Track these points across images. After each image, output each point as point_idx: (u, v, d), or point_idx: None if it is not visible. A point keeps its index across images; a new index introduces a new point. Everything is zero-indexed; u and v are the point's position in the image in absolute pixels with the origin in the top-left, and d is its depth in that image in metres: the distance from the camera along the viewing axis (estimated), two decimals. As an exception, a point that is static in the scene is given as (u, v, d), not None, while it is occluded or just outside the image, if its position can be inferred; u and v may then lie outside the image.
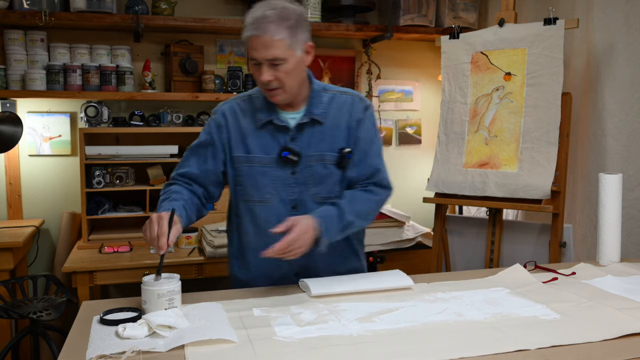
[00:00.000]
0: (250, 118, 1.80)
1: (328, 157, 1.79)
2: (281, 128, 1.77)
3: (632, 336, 1.37)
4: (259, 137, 1.78)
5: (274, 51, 1.64)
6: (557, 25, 2.58)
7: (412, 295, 1.67)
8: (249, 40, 1.65)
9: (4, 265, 2.77)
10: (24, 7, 2.92)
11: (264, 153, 1.78)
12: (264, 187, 1.78)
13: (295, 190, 1.79)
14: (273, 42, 1.63)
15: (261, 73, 1.67)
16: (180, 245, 2.93)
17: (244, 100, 1.84)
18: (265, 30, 1.62)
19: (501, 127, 2.75)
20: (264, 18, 1.63)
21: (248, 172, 1.79)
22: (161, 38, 3.31)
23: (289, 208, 1.79)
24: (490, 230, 2.85)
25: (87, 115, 3.00)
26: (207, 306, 1.57)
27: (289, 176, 1.78)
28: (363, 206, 1.78)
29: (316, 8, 3.36)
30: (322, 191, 1.80)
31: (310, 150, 1.78)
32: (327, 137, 1.79)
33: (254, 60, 1.68)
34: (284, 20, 1.64)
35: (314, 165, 1.78)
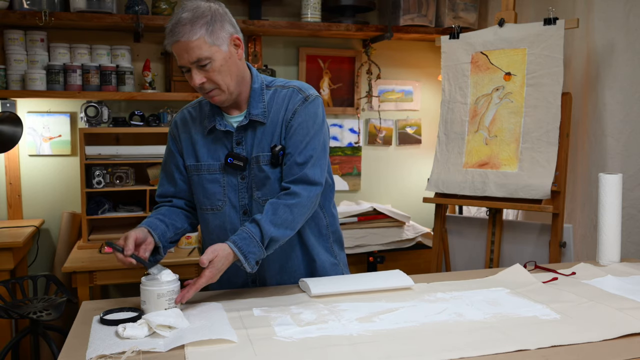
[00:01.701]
0: (199, 125, 1.76)
1: (262, 158, 1.70)
2: (225, 133, 1.72)
3: (632, 336, 1.37)
4: (207, 144, 1.74)
5: (196, 52, 1.58)
6: (557, 25, 2.58)
7: (412, 295, 1.67)
8: (172, 47, 1.60)
9: (4, 265, 2.77)
10: (24, 7, 2.92)
11: (214, 160, 1.73)
12: (214, 195, 1.75)
13: (245, 195, 1.74)
14: (192, 43, 1.57)
15: (191, 77, 1.62)
16: (180, 245, 2.93)
17: (194, 108, 1.81)
18: (182, 33, 1.57)
19: (501, 127, 2.75)
20: (178, 22, 1.58)
21: (197, 181, 1.76)
22: (161, 38, 3.31)
23: (240, 214, 1.75)
24: (490, 230, 2.85)
25: (87, 115, 3.00)
26: (207, 306, 1.56)
27: (239, 181, 1.73)
28: (287, 215, 1.63)
29: (316, 8, 3.36)
30: (266, 194, 1.71)
31: (253, 153, 1.71)
32: (267, 137, 1.71)
33: (183, 68, 1.62)
34: (198, 19, 1.58)
35: (254, 168, 1.71)
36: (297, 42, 3.58)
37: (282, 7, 3.48)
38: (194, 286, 1.52)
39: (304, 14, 3.36)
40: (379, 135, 3.75)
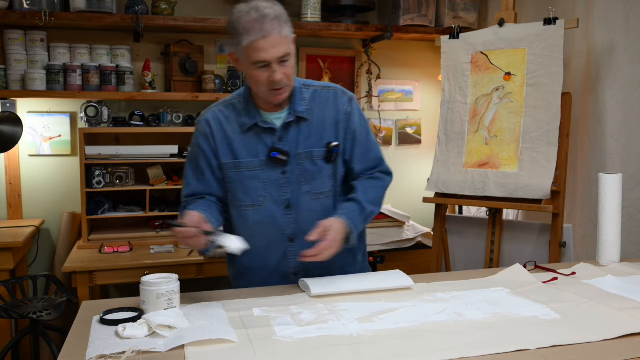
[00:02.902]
0: (234, 123, 1.78)
1: (316, 153, 1.78)
2: (267, 130, 1.76)
3: (632, 336, 1.37)
4: (245, 141, 1.77)
5: (283, 47, 1.64)
6: (557, 25, 2.58)
7: (412, 295, 1.67)
8: (253, 44, 1.62)
9: (4, 265, 2.77)
10: (24, 7, 2.92)
11: (252, 157, 1.76)
12: (254, 191, 1.77)
13: (288, 190, 1.78)
14: (281, 39, 1.64)
15: (273, 73, 1.65)
16: (180, 245, 2.93)
17: (225, 107, 1.82)
18: (272, 28, 1.62)
19: (501, 127, 2.75)
20: (265, 18, 1.62)
21: (237, 178, 1.78)
22: (161, 38, 3.31)
23: (283, 208, 1.78)
24: (490, 230, 2.85)
25: (87, 115, 3.00)
26: (207, 306, 1.57)
27: (280, 176, 1.77)
28: (376, 194, 1.84)
29: (316, 8, 3.36)
30: (315, 188, 1.79)
31: (298, 149, 1.77)
32: (314, 134, 1.78)
33: (260, 64, 1.64)
34: (281, 17, 1.67)
35: (304, 163, 1.77)
36: (297, 42, 3.52)
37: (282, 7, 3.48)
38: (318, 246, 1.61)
39: (304, 14, 3.36)
40: (379, 135, 3.75)
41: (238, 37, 1.66)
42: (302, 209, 1.78)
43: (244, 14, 1.65)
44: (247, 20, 1.63)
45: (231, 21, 1.70)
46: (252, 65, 1.66)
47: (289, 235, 1.80)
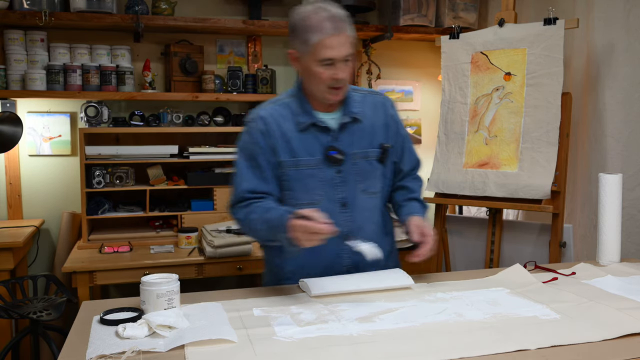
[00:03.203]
0: (290, 122, 1.81)
1: (371, 153, 1.86)
2: (323, 129, 1.81)
3: (632, 336, 1.37)
4: (302, 140, 1.80)
5: (349, 47, 1.72)
6: (557, 25, 2.58)
7: (412, 295, 1.67)
8: (322, 42, 1.68)
9: (4, 265, 2.77)
10: (24, 7, 2.92)
11: (309, 155, 1.80)
12: (313, 189, 1.80)
13: (343, 189, 1.82)
14: (349, 39, 1.72)
15: (337, 71, 1.72)
16: (180, 245, 2.93)
17: (280, 105, 1.84)
18: (343, 28, 1.70)
19: (501, 127, 2.75)
20: (337, 16, 1.70)
21: (296, 176, 1.80)
22: (161, 38, 3.31)
23: (338, 206, 1.82)
24: (490, 230, 2.85)
25: (87, 115, 3.00)
26: (207, 306, 1.57)
27: (335, 175, 1.81)
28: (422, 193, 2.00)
29: (316, 8, 3.35)
30: (370, 186, 1.86)
31: (353, 148, 1.83)
32: (367, 135, 1.85)
33: (328, 61, 1.70)
34: (347, 18, 1.75)
35: (359, 163, 1.84)
36: (297, 42, 3.57)
37: (282, 7, 3.48)
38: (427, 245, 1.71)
39: (304, 14, 3.36)
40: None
41: (305, 34, 1.71)
42: (357, 207, 1.84)
43: (312, 13, 1.71)
44: (316, 18, 1.69)
45: (297, 19, 1.75)
46: (317, 63, 1.72)
47: (345, 233, 1.81)
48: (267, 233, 1.70)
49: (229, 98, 3.29)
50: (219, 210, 3.11)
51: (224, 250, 2.78)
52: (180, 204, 3.14)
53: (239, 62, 3.49)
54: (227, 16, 3.38)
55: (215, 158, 3.13)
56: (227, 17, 3.36)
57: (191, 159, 3.09)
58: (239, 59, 3.49)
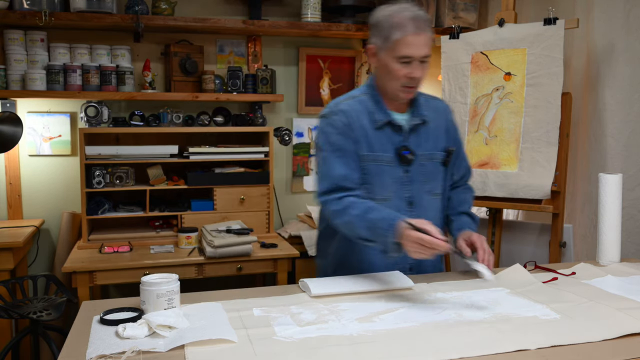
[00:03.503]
0: (367, 119, 1.84)
1: (437, 155, 1.92)
2: (397, 128, 1.85)
3: (632, 336, 1.37)
4: (377, 136, 1.84)
5: (428, 49, 1.76)
6: (557, 25, 2.58)
7: (412, 295, 1.67)
8: (404, 38, 1.72)
9: (4, 265, 2.77)
10: (24, 7, 2.92)
11: (383, 152, 1.84)
12: (387, 186, 1.84)
13: (410, 188, 1.86)
14: (429, 40, 1.76)
15: (414, 70, 1.75)
16: (180, 245, 2.93)
17: (356, 101, 1.87)
18: (425, 28, 1.74)
19: (501, 127, 2.75)
20: (420, 17, 1.74)
21: (376, 171, 1.83)
22: (161, 38, 3.31)
23: (405, 205, 1.86)
24: (490, 230, 2.85)
25: (87, 115, 3.00)
26: (207, 306, 1.57)
27: (403, 174, 1.86)
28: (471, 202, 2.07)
29: (316, 8, 3.36)
30: (434, 188, 1.92)
31: (420, 149, 1.87)
32: (432, 137, 1.91)
33: (406, 58, 1.74)
34: (429, 20, 1.79)
35: (426, 164, 1.89)
36: (297, 42, 3.58)
37: (282, 7, 3.48)
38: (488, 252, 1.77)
39: (304, 14, 3.36)
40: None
41: (388, 30, 1.74)
42: (422, 207, 1.88)
43: (397, 12, 1.75)
44: (401, 16, 1.74)
45: (381, 16, 1.79)
46: (395, 59, 1.75)
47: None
48: (366, 232, 1.69)
49: (229, 98, 3.29)
50: (219, 210, 3.11)
51: (224, 250, 2.78)
52: (180, 204, 3.14)
53: (239, 62, 3.49)
54: (227, 16, 3.38)
55: (215, 158, 3.13)
56: (227, 17, 3.36)
57: (191, 159, 3.09)
58: (239, 59, 3.49)
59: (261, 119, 3.35)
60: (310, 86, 3.61)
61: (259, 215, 3.17)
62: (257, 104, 3.39)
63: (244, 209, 3.14)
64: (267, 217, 3.19)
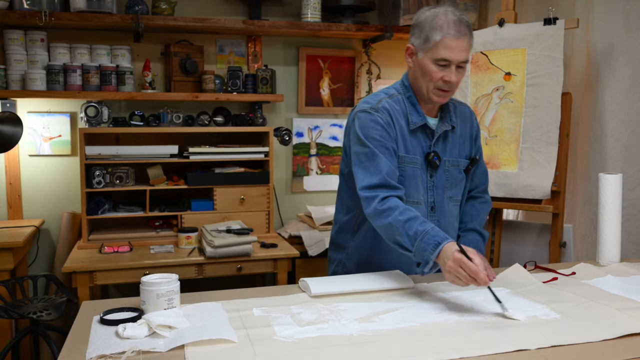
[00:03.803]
0: (403, 119, 1.83)
1: (462, 163, 1.92)
2: (429, 132, 1.85)
3: (632, 336, 1.37)
4: (411, 138, 1.83)
5: (467, 55, 1.75)
6: (557, 25, 2.58)
7: (413, 295, 1.67)
8: (444, 41, 1.71)
9: (4, 265, 2.77)
10: (24, 7, 2.92)
11: (415, 154, 1.83)
12: (419, 190, 1.84)
13: (433, 193, 1.87)
14: (469, 45, 1.75)
15: (449, 74, 1.74)
16: (180, 245, 2.93)
17: (393, 101, 1.85)
18: (466, 33, 1.73)
19: (501, 127, 2.75)
20: (462, 22, 1.73)
21: (411, 174, 1.83)
22: (161, 38, 3.31)
23: (429, 209, 1.86)
24: (490, 230, 2.85)
25: (87, 115, 3.00)
26: (207, 306, 1.57)
27: (428, 179, 1.87)
28: (485, 218, 2.04)
29: (316, 8, 3.36)
30: (456, 194, 1.92)
31: (446, 156, 1.88)
32: (457, 144, 1.91)
33: (443, 61, 1.73)
34: (470, 26, 1.78)
35: (451, 170, 1.89)
36: (297, 42, 3.58)
37: (282, 7, 3.48)
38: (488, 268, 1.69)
39: (304, 14, 3.36)
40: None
41: (429, 31, 1.74)
42: (443, 212, 1.89)
43: (442, 14, 1.74)
44: (444, 19, 1.73)
45: (425, 16, 1.77)
46: (433, 61, 1.74)
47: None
48: (407, 241, 1.64)
49: (229, 98, 3.29)
50: (219, 210, 3.11)
51: (224, 250, 2.78)
52: (180, 204, 3.14)
53: (239, 62, 3.49)
54: (227, 16, 3.38)
55: (215, 158, 3.13)
56: (227, 17, 3.36)
57: (191, 159, 3.09)
58: (239, 59, 3.49)
59: (261, 119, 3.35)
60: (310, 86, 3.61)
61: (259, 215, 3.17)
62: (257, 104, 3.39)
63: (244, 209, 3.14)
64: (267, 217, 3.19)
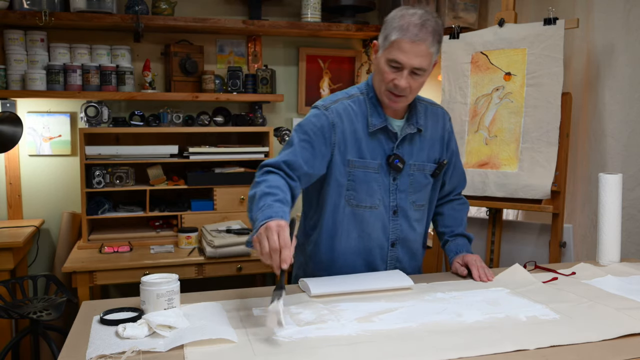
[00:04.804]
0: (361, 122, 1.78)
1: (428, 167, 1.86)
2: (390, 135, 1.80)
3: (632, 336, 1.37)
4: (369, 141, 1.78)
5: (423, 61, 1.66)
6: (557, 25, 2.58)
7: (412, 295, 1.67)
8: (399, 42, 1.64)
9: (4, 265, 2.77)
10: (24, 7, 2.92)
11: (373, 158, 1.79)
12: (375, 194, 1.80)
13: (396, 197, 1.83)
14: (426, 52, 1.66)
15: (400, 78, 1.67)
16: (180, 245, 2.93)
17: (353, 101, 1.80)
18: (425, 39, 1.64)
19: (501, 127, 2.75)
20: (424, 26, 1.64)
21: (363, 178, 1.78)
22: (161, 38, 3.32)
23: (391, 214, 1.83)
24: (490, 230, 2.85)
25: (87, 115, 3.00)
26: (207, 306, 1.57)
27: (391, 183, 1.82)
28: (465, 217, 2.02)
29: (316, 8, 3.36)
30: (420, 199, 1.87)
31: (411, 159, 1.83)
32: (426, 147, 1.85)
33: (395, 63, 1.67)
34: (437, 35, 1.69)
35: (416, 174, 1.84)
36: (297, 42, 3.58)
37: (282, 7, 3.48)
38: (482, 268, 1.82)
39: (304, 14, 3.36)
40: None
41: (390, 30, 1.68)
42: (406, 217, 1.85)
43: (408, 15, 1.67)
44: (407, 20, 1.66)
45: (393, 14, 1.71)
46: (386, 61, 1.69)
47: (392, 240, 1.86)
48: (253, 210, 1.55)
49: (229, 98, 3.29)
50: (219, 210, 3.11)
51: (224, 250, 2.78)
52: (180, 204, 3.14)
53: (239, 62, 3.49)
54: (227, 16, 3.38)
55: (215, 158, 3.13)
56: (227, 17, 3.36)
57: (191, 159, 3.10)
58: (239, 59, 3.49)
59: (261, 119, 3.35)
60: (310, 86, 3.61)
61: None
62: (257, 104, 3.39)
63: (244, 209, 3.14)
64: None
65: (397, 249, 1.88)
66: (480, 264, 1.84)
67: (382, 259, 1.87)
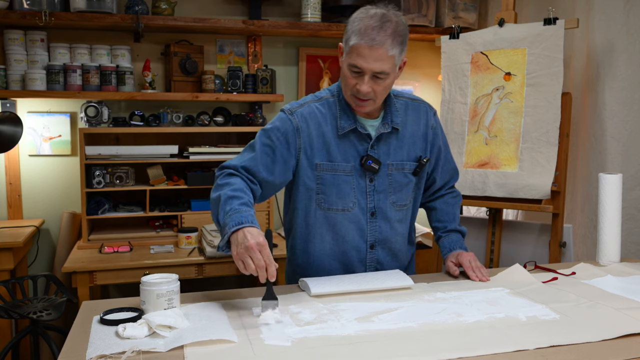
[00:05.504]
0: (330, 124, 1.75)
1: (407, 166, 1.82)
2: (363, 136, 1.76)
3: (632, 336, 1.37)
4: (339, 144, 1.75)
5: (384, 65, 1.62)
6: (557, 25, 2.58)
7: (412, 295, 1.67)
8: (357, 47, 1.61)
9: (4, 265, 2.77)
10: (24, 7, 2.92)
11: (345, 161, 1.76)
12: (347, 196, 1.77)
13: (374, 198, 1.80)
14: (386, 56, 1.61)
15: (361, 83, 1.64)
16: (180, 245, 2.93)
17: (321, 104, 1.77)
18: (382, 43, 1.60)
19: (501, 127, 2.75)
20: (382, 30, 1.60)
21: (332, 181, 1.75)
22: (161, 38, 3.32)
23: (368, 216, 1.80)
24: (490, 230, 2.85)
25: (87, 115, 3.00)
26: (207, 306, 1.57)
27: (368, 184, 1.78)
28: (458, 211, 2.01)
29: (316, 8, 3.36)
30: (401, 199, 1.83)
31: (388, 159, 1.79)
32: (405, 146, 1.81)
33: (356, 68, 1.63)
34: (398, 36, 1.63)
35: (394, 174, 1.80)
36: (297, 42, 3.58)
37: (282, 7, 3.48)
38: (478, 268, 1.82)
39: (304, 14, 3.37)
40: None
41: (350, 33, 1.65)
42: (386, 218, 1.82)
43: (367, 17, 1.64)
44: (365, 23, 1.62)
45: (354, 16, 1.69)
46: (348, 66, 1.66)
47: (371, 242, 1.83)
48: (220, 213, 1.57)
49: (229, 98, 3.29)
50: (219, 210, 3.11)
51: (224, 250, 2.77)
52: (180, 204, 3.14)
53: (239, 62, 3.49)
54: (227, 16, 3.38)
55: (215, 158, 3.13)
56: (227, 17, 3.36)
57: (191, 159, 3.10)
58: (239, 59, 3.49)
59: (261, 119, 3.35)
60: (310, 86, 3.60)
61: (259, 215, 3.17)
62: (257, 104, 3.39)
63: (244, 209, 3.14)
64: (267, 217, 3.19)
65: (377, 250, 1.84)
66: (474, 264, 1.83)
67: (360, 262, 1.84)
